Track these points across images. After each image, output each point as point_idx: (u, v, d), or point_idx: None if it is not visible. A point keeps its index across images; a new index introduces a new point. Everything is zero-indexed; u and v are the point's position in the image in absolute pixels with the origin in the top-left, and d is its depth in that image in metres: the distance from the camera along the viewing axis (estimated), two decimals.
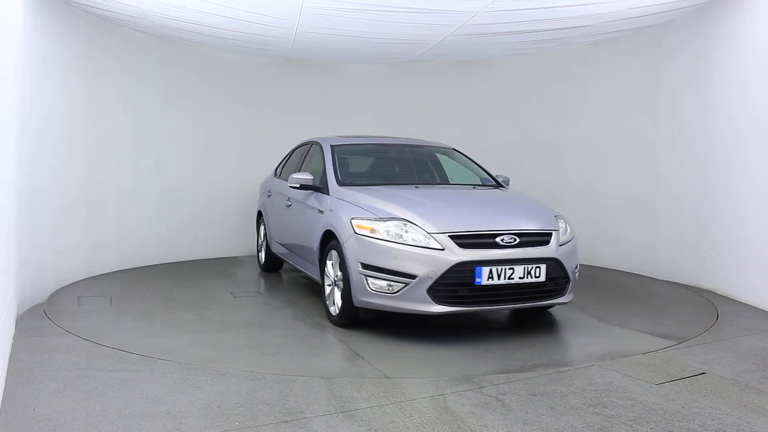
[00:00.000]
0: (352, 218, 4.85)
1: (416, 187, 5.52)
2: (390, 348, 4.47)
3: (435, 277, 4.41)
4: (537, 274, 4.60)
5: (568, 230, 5.07)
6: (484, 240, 4.58)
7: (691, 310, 5.61)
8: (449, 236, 4.53)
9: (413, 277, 4.45)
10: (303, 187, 5.74)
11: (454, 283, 4.46)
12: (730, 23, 5.99)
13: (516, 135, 8.66)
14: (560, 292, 4.84)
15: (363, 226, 4.74)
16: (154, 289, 6.28)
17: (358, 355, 4.31)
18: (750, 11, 5.72)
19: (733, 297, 5.99)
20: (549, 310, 5.45)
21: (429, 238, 4.52)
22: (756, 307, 5.61)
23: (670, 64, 6.89)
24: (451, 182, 6.16)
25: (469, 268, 4.45)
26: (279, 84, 8.82)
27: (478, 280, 4.45)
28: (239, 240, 8.51)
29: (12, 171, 4.62)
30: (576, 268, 4.99)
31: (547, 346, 4.57)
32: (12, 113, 4.62)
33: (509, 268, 4.51)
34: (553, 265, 4.70)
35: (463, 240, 4.54)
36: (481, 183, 6.06)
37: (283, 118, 8.84)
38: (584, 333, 4.91)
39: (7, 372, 3.75)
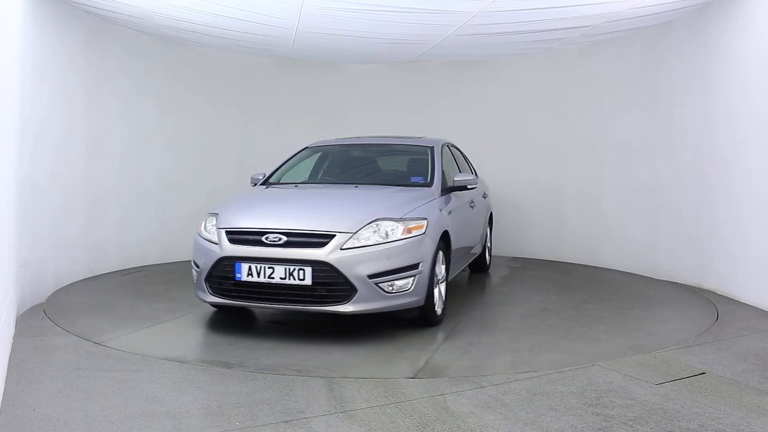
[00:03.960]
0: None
1: (296, 186, 5.74)
2: (186, 333, 4.91)
3: (207, 269, 4.71)
4: (301, 277, 4.42)
5: (396, 235, 4.56)
6: (252, 237, 4.63)
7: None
8: (225, 232, 4.74)
9: (198, 267, 4.85)
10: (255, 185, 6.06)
11: (222, 276, 4.67)
12: (731, 23, 5.99)
13: (516, 135, 8.66)
14: (340, 300, 4.43)
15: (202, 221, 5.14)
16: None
17: (151, 327, 4.94)
18: (750, 11, 5.72)
19: (733, 297, 5.99)
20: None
21: (214, 233, 4.81)
22: (756, 307, 5.61)
23: (670, 64, 6.89)
24: (377, 181, 5.82)
25: (231, 263, 4.60)
26: (279, 84, 8.83)
27: (238, 275, 4.57)
28: None
29: (12, 172, 4.63)
30: (378, 276, 4.45)
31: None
32: (12, 113, 4.62)
33: (269, 267, 4.49)
34: (326, 269, 4.40)
35: (235, 236, 4.69)
36: (398, 183, 5.70)
37: (282, 117, 8.85)
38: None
39: (7, 372, 3.75)
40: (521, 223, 8.65)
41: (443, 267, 5.14)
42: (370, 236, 4.54)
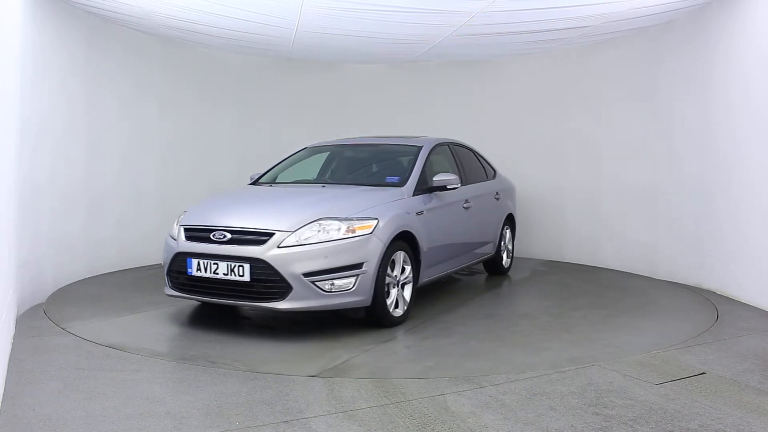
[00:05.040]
0: None
1: (270, 186, 5.97)
2: (130, 325, 5.02)
3: (167, 263, 4.96)
4: (240, 273, 4.55)
5: (339, 234, 4.58)
6: (202, 234, 4.80)
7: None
8: (184, 229, 4.96)
9: (163, 262, 5.08)
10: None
11: (178, 271, 4.87)
12: (731, 23, 5.99)
13: (515, 135, 8.66)
14: (276, 297, 4.49)
15: None
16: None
17: (123, 318, 5.20)
18: (750, 11, 5.72)
19: (733, 297, 5.98)
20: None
21: (176, 229, 5.02)
22: (756, 307, 5.60)
23: (670, 63, 6.89)
24: (352, 181, 5.87)
25: (184, 258, 4.80)
26: (279, 84, 8.83)
27: (189, 270, 4.76)
28: None
29: (12, 172, 4.63)
30: (315, 275, 4.47)
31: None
32: (12, 113, 4.62)
33: (214, 263, 4.65)
34: (263, 266, 4.48)
35: (190, 233, 4.90)
36: (371, 183, 5.70)
37: (282, 117, 8.85)
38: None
39: (7, 372, 3.75)
40: (524, 223, 8.65)
41: (407, 268, 5.08)
42: (312, 235, 4.58)
